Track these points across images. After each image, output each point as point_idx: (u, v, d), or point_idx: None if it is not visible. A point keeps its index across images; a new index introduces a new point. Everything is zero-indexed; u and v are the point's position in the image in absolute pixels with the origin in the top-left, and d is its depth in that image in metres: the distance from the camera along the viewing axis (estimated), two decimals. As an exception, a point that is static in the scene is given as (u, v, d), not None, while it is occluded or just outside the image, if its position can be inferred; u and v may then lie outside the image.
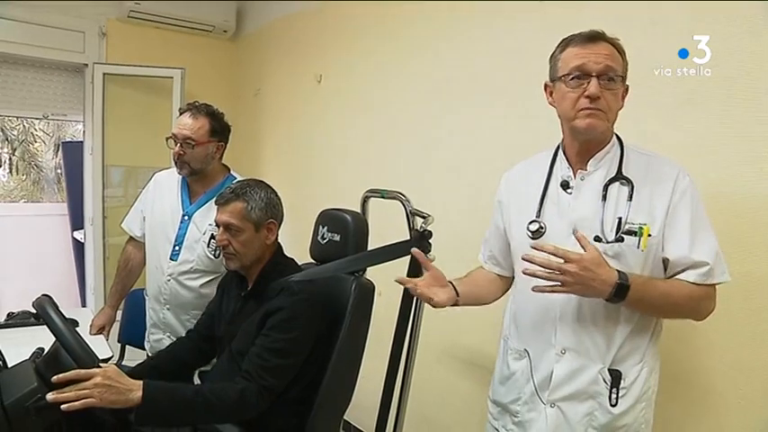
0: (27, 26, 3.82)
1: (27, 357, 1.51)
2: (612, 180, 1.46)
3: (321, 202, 2.24)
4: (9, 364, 1.57)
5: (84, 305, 4.41)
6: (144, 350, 2.63)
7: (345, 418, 2.06)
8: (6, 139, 6.84)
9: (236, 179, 2.38)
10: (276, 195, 1.97)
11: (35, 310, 1.49)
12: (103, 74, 4.04)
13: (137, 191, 2.67)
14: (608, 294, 1.36)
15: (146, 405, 1.50)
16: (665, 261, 1.45)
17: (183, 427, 1.76)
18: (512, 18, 2.39)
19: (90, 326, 2.53)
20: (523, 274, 1.39)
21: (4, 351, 1.64)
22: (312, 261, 2.08)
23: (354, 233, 1.95)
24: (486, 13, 2.50)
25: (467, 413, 2.60)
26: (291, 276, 1.87)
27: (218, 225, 1.92)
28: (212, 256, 2.34)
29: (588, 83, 1.40)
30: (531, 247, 1.39)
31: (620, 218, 1.42)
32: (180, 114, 2.41)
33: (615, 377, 1.47)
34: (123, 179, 4.39)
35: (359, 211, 2.15)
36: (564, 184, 1.52)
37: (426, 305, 1.96)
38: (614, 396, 1.47)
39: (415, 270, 1.91)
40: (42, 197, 7.17)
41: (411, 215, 1.98)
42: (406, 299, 1.93)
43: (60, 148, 6.14)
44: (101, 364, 1.48)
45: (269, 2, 4.23)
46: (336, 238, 1.97)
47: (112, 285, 2.72)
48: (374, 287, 1.96)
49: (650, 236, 1.40)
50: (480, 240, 1.83)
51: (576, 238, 1.37)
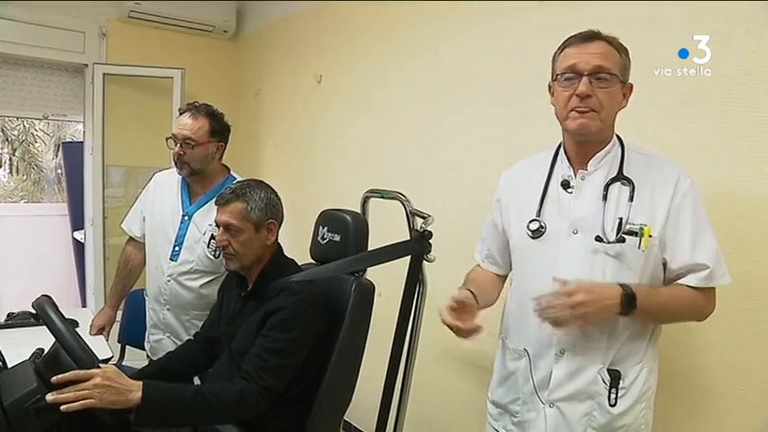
0: (27, 26, 3.82)
1: (27, 358, 1.51)
2: (613, 180, 1.46)
3: (321, 203, 2.24)
4: (9, 365, 1.57)
5: (85, 305, 4.41)
6: (144, 350, 2.64)
7: (345, 418, 2.06)
8: (7, 140, 6.84)
9: (236, 179, 2.38)
10: (276, 196, 1.97)
11: (35, 311, 1.49)
12: (103, 74, 4.04)
13: (137, 191, 2.66)
14: (619, 307, 1.36)
15: (145, 405, 1.51)
16: (665, 264, 1.46)
17: (183, 428, 1.77)
18: (512, 18, 2.39)
19: (90, 326, 2.53)
20: (542, 321, 1.40)
21: (4, 351, 1.64)
22: (312, 261, 2.07)
23: (354, 233, 1.95)
24: (486, 13, 2.50)
25: (466, 414, 2.59)
26: (291, 277, 1.86)
27: (217, 225, 1.92)
28: (212, 257, 2.34)
29: (579, 82, 1.42)
30: (534, 303, 1.40)
31: (620, 218, 1.42)
32: (180, 114, 2.41)
33: (614, 377, 1.46)
34: (123, 179, 4.39)
35: (359, 211, 2.15)
36: (564, 184, 1.52)
37: (427, 306, 1.97)
38: (613, 396, 1.47)
39: (415, 271, 1.91)
40: (42, 197, 7.17)
41: (411, 215, 1.98)
42: (407, 299, 1.93)
43: (60, 148, 6.14)
44: (100, 365, 1.48)
45: (269, 2, 4.23)
46: (336, 238, 1.97)
47: (112, 286, 2.73)
48: (374, 287, 1.96)
49: (651, 236, 1.40)
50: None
51: (556, 281, 1.39)
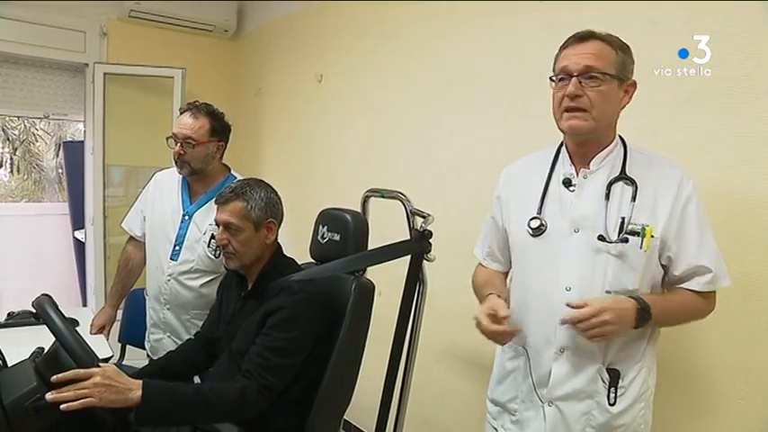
0: (28, 26, 3.82)
1: (27, 357, 1.51)
2: (616, 179, 1.47)
3: (321, 202, 2.24)
4: (9, 364, 1.57)
5: (85, 305, 4.41)
6: (144, 350, 2.64)
7: (346, 417, 2.06)
8: (8, 139, 6.84)
9: (236, 179, 2.38)
10: (276, 195, 1.97)
11: (35, 310, 1.49)
12: (104, 73, 4.04)
13: (137, 190, 2.66)
14: (635, 322, 1.38)
15: (145, 404, 1.51)
16: (666, 266, 1.47)
17: (183, 427, 1.77)
18: (512, 18, 2.39)
19: (90, 325, 2.53)
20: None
21: (4, 350, 1.64)
22: (312, 261, 2.07)
23: (354, 233, 1.95)
24: (486, 13, 2.50)
25: (466, 413, 2.59)
26: (291, 276, 1.86)
27: (217, 224, 1.92)
28: (212, 256, 2.34)
29: (570, 82, 1.43)
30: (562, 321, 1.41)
31: (623, 218, 1.43)
32: (180, 114, 2.41)
33: (613, 376, 1.47)
34: (124, 179, 4.39)
35: (359, 210, 2.15)
36: (566, 182, 1.52)
37: (427, 306, 1.97)
38: (612, 395, 1.47)
39: (415, 271, 1.91)
40: (43, 197, 7.17)
41: (411, 215, 1.97)
42: (407, 299, 1.93)
43: (61, 147, 6.14)
44: (100, 364, 1.48)
45: (270, 1, 4.23)
46: (336, 237, 1.97)
47: (113, 285, 2.72)
48: (374, 287, 1.96)
49: (653, 237, 1.41)
50: (480, 239, 1.83)
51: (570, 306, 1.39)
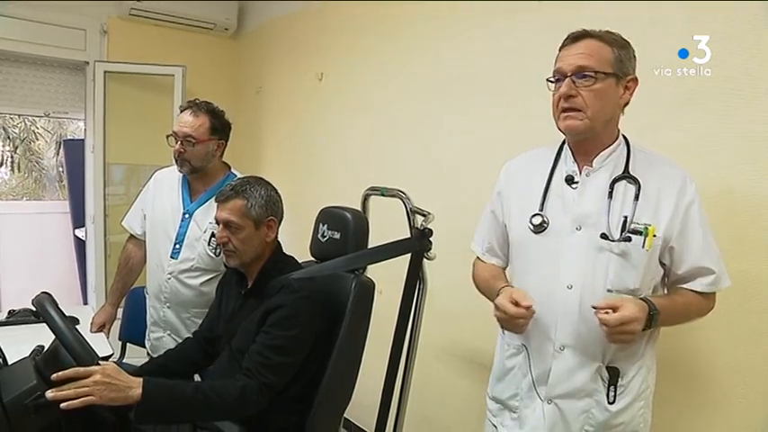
0: (28, 24, 3.83)
1: (27, 355, 1.51)
2: (619, 178, 1.47)
3: (322, 200, 2.23)
4: (9, 362, 1.57)
5: (86, 303, 4.42)
6: (144, 348, 2.64)
7: (346, 416, 2.07)
8: (8, 138, 6.83)
9: (236, 177, 2.38)
10: (276, 193, 1.97)
11: (34, 308, 1.49)
12: (105, 72, 4.05)
13: (138, 189, 2.67)
14: (644, 323, 1.38)
15: (145, 402, 1.50)
16: (667, 265, 1.48)
17: (183, 426, 1.77)
18: (512, 18, 2.39)
19: (90, 323, 2.54)
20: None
21: (5, 348, 1.64)
22: (312, 259, 2.07)
23: (354, 231, 1.95)
24: (487, 12, 2.50)
25: (466, 412, 2.60)
26: (292, 274, 1.86)
27: (218, 222, 1.92)
28: (213, 255, 2.34)
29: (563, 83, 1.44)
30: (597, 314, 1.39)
31: (625, 216, 1.43)
32: (180, 112, 2.41)
33: (613, 375, 1.47)
34: (124, 177, 4.40)
35: (359, 209, 2.15)
36: (569, 179, 1.52)
37: (427, 304, 1.97)
38: (612, 394, 1.47)
39: (415, 269, 1.91)
40: (44, 195, 7.15)
41: (411, 213, 1.97)
42: (407, 297, 1.93)
43: (62, 145, 6.13)
44: (100, 362, 1.48)
45: (270, 0, 4.23)
46: (336, 235, 1.97)
47: (113, 283, 2.72)
48: (374, 285, 1.96)
49: (655, 236, 1.41)
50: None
51: (597, 308, 1.38)
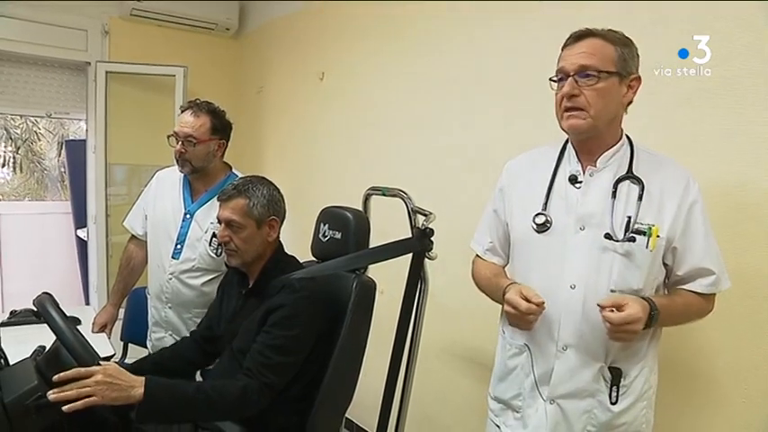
0: (30, 25, 3.83)
1: (29, 355, 1.52)
2: (623, 178, 1.47)
3: (323, 200, 2.23)
4: (11, 362, 1.57)
5: (88, 303, 4.42)
6: (146, 348, 2.64)
7: (347, 415, 2.07)
8: (10, 138, 6.84)
9: (237, 177, 2.38)
10: (278, 192, 1.98)
11: (35, 308, 1.50)
12: (106, 72, 4.05)
13: (140, 189, 2.67)
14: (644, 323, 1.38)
15: (147, 402, 1.51)
16: (669, 265, 1.48)
17: (184, 426, 1.77)
18: (512, 18, 2.39)
19: (92, 324, 2.54)
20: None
21: (6, 349, 1.64)
22: (313, 259, 2.07)
23: (355, 231, 1.95)
24: (487, 12, 2.50)
25: (467, 411, 2.60)
26: (293, 274, 1.86)
27: (219, 221, 1.92)
28: (214, 255, 2.34)
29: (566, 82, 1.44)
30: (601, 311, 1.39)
31: (629, 216, 1.43)
32: (181, 112, 2.41)
33: (615, 375, 1.47)
34: (126, 177, 4.40)
35: (360, 208, 2.15)
36: (572, 179, 1.51)
37: (428, 303, 1.97)
38: (614, 394, 1.47)
39: (416, 269, 1.91)
40: (46, 195, 7.15)
41: (413, 213, 1.97)
42: (408, 297, 1.93)
43: (63, 146, 6.14)
44: (101, 362, 1.48)
45: (271, 0, 4.23)
46: (337, 235, 1.97)
47: (114, 284, 2.73)
48: (375, 285, 1.96)
49: (659, 237, 1.41)
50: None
51: (602, 306, 1.38)
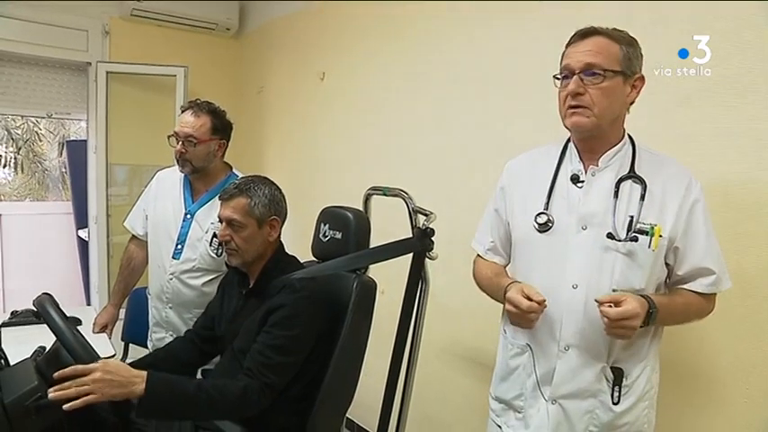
0: (30, 25, 3.83)
1: (29, 356, 1.52)
2: (625, 178, 1.46)
3: (323, 200, 2.23)
4: (12, 363, 1.57)
5: (89, 303, 4.42)
6: (147, 349, 2.63)
7: (348, 415, 2.06)
8: (11, 139, 6.85)
9: (237, 177, 2.38)
10: (280, 192, 1.97)
11: (35, 309, 1.50)
12: (107, 72, 4.05)
13: (140, 189, 2.67)
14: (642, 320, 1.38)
15: (148, 398, 1.50)
16: (670, 265, 1.47)
17: (185, 426, 1.77)
18: (512, 18, 2.39)
19: (93, 324, 2.54)
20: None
21: (7, 349, 1.65)
22: (314, 259, 2.07)
23: (356, 231, 1.95)
24: (487, 12, 2.50)
25: (468, 410, 2.60)
26: (293, 274, 1.86)
27: (220, 220, 1.92)
28: (214, 255, 2.34)
29: (572, 80, 1.43)
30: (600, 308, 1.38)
31: (631, 216, 1.42)
32: (182, 112, 2.41)
33: (617, 375, 1.47)
34: (127, 177, 4.40)
35: (361, 208, 2.15)
36: (574, 178, 1.51)
37: (429, 303, 1.97)
38: (616, 394, 1.47)
39: (417, 269, 1.91)
40: (47, 196, 7.17)
41: (413, 212, 1.97)
42: (409, 297, 1.92)
43: (64, 146, 6.15)
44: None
45: (272, 0, 4.23)
46: (338, 235, 1.97)
47: (115, 284, 2.73)
48: (376, 285, 1.96)
49: (661, 236, 1.41)
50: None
51: (600, 302, 1.38)
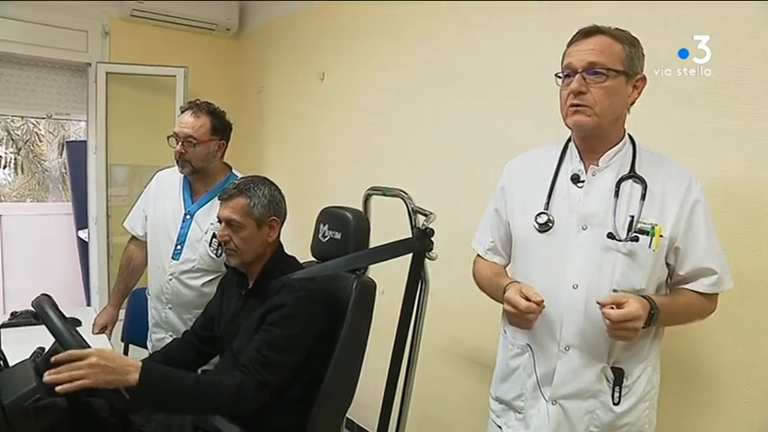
0: (30, 26, 3.84)
1: (28, 357, 1.51)
2: (625, 177, 1.46)
3: (323, 200, 2.23)
4: (11, 364, 1.57)
5: (89, 304, 4.42)
6: (146, 349, 2.63)
7: (348, 416, 2.06)
8: (11, 139, 6.86)
9: (237, 178, 2.38)
10: (280, 193, 1.97)
11: (34, 310, 1.49)
12: (106, 73, 4.06)
13: (140, 190, 2.67)
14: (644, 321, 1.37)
15: (142, 387, 1.47)
16: (671, 265, 1.47)
17: (184, 426, 1.76)
18: (512, 18, 2.39)
19: (92, 325, 2.54)
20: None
21: (7, 350, 1.64)
22: (313, 259, 2.07)
23: (355, 231, 1.94)
24: (487, 12, 2.50)
25: (468, 410, 2.59)
26: (293, 274, 1.85)
27: (220, 220, 1.92)
28: (214, 255, 2.34)
29: (574, 79, 1.42)
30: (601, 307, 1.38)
31: (632, 216, 1.42)
32: (181, 113, 2.41)
33: (618, 375, 1.47)
34: (127, 178, 4.40)
35: (361, 209, 2.15)
36: (575, 178, 1.51)
37: (429, 303, 1.97)
38: (617, 395, 1.47)
39: (417, 269, 1.90)
40: (47, 196, 7.17)
41: (413, 213, 1.97)
42: (409, 297, 1.92)
43: (64, 147, 6.16)
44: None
45: (272, 0, 4.23)
46: (337, 236, 1.96)
47: (115, 284, 2.73)
48: (375, 285, 1.95)
49: (662, 236, 1.40)
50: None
51: (602, 304, 1.37)
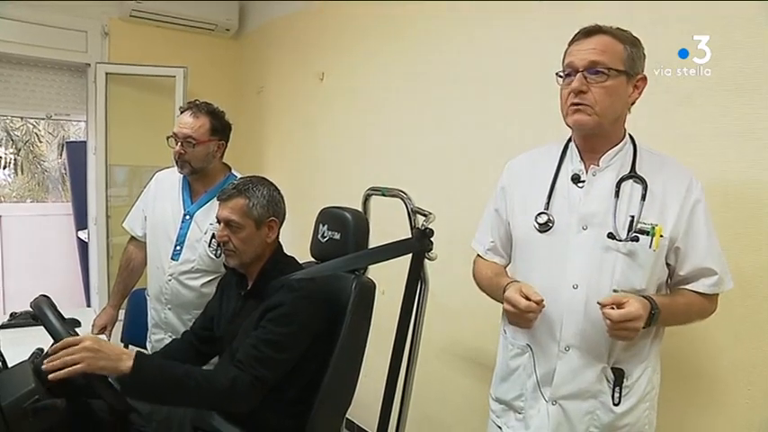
0: (30, 26, 3.84)
1: (27, 358, 1.51)
2: (626, 177, 1.46)
3: (323, 201, 2.23)
4: (10, 365, 1.57)
5: (89, 305, 4.42)
6: (146, 350, 2.63)
7: (348, 416, 2.06)
8: (11, 140, 6.87)
9: (236, 178, 2.37)
10: (279, 193, 1.97)
11: (32, 311, 1.50)
12: (106, 73, 4.06)
13: (140, 190, 2.68)
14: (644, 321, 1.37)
15: (134, 375, 1.47)
16: (672, 265, 1.47)
17: (184, 426, 1.76)
18: (512, 18, 2.39)
19: (92, 326, 2.54)
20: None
21: (5, 351, 1.64)
22: (313, 260, 2.07)
23: (355, 231, 1.94)
24: (487, 12, 2.50)
25: (468, 410, 2.59)
26: (292, 274, 1.85)
27: (219, 221, 1.91)
28: (213, 256, 2.34)
29: (575, 78, 1.42)
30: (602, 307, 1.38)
31: (632, 216, 1.42)
32: (180, 113, 2.41)
33: (618, 376, 1.47)
34: (127, 178, 4.40)
35: (360, 209, 2.14)
36: (575, 178, 1.51)
37: (429, 303, 1.97)
38: (617, 395, 1.47)
39: (416, 269, 1.90)
40: (47, 197, 7.18)
41: (412, 213, 1.96)
42: (408, 297, 1.92)
43: (64, 147, 6.16)
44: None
45: (271, 1, 4.23)
46: (337, 236, 1.96)
47: (114, 285, 2.73)
48: (375, 286, 1.95)
49: (662, 236, 1.40)
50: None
51: (603, 304, 1.37)
